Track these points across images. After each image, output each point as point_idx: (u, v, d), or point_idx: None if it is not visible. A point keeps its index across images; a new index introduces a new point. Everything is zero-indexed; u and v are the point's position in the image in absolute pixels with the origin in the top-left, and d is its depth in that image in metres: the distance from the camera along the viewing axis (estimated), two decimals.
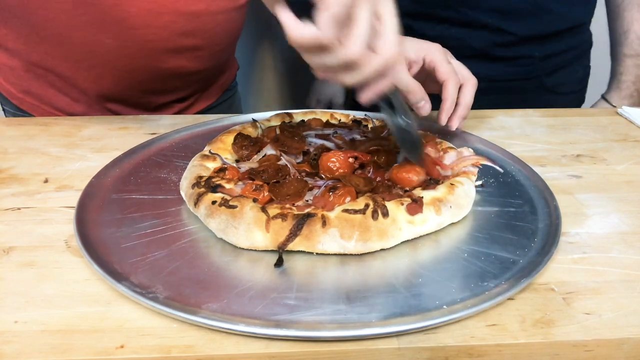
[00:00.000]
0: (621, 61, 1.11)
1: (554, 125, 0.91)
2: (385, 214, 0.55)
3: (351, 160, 0.66)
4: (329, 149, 0.70)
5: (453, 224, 0.60)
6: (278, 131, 0.76)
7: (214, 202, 0.57)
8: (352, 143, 0.72)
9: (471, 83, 0.78)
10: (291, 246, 0.54)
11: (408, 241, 0.57)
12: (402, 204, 0.57)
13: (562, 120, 0.94)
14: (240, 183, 0.62)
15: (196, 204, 0.59)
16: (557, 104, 1.03)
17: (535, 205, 0.64)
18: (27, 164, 0.75)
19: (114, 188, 0.66)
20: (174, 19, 0.85)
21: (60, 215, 0.62)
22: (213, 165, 0.66)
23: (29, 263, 0.53)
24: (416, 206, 0.57)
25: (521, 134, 0.88)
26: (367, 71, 0.52)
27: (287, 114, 0.84)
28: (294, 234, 0.53)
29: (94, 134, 0.85)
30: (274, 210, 0.55)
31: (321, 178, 0.65)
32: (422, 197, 0.58)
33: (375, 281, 0.51)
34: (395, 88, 0.60)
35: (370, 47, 0.52)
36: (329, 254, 0.54)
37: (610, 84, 1.14)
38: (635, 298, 0.50)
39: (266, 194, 0.60)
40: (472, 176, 0.65)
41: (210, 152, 0.69)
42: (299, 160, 0.70)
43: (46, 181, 0.70)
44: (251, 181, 0.63)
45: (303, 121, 0.83)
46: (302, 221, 0.54)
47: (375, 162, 0.68)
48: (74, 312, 0.47)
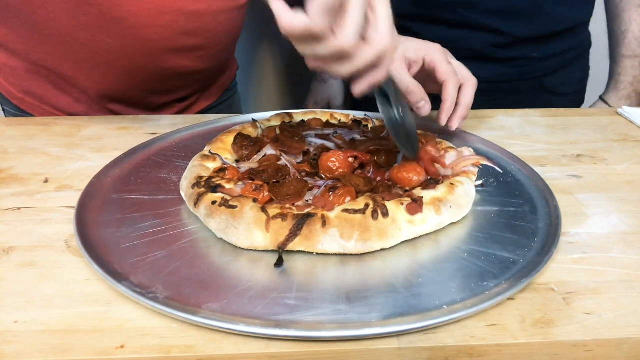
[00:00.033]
0: (619, 62, 1.11)
1: (554, 125, 0.91)
2: (385, 213, 0.55)
3: (351, 160, 0.66)
4: (329, 149, 0.70)
5: (453, 223, 0.60)
6: (278, 131, 0.76)
7: (214, 202, 0.57)
8: (352, 143, 0.72)
9: (471, 83, 0.78)
10: (291, 246, 0.54)
11: (408, 241, 0.57)
12: (402, 203, 0.57)
13: (562, 120, 0.94)
14: (240, 183, 0.62)
15: (196, 204, 0.59)
16: (556, 105, 1.03)
17: (536, 205, 0.64)
18: (27, 164, 0.75)
19: (114, 188, 0.66)
20: (175, 19, 0.85)
21: (60, 215, 0.62)
22: (213, 165, 0.66)
23: (29, 263, 0.53)
24: (416, 206, 0.57)
25: (521, 134, 0.88)
26: (360, 62, 0.52)
27: (287, 114, 0.84)
28: (294, 234, 0.53)
29: (94, 134, 0.85)
30: (274, 210, 0.55)
31: (321, 178, 0.65)
32: (422, 197, 0.58)
33: (375, 281, 0.51)
34: (390, 79, 0.60)
35: (363, 37, 0.51)
36: (329, 254, 0.54)
37: (609, 84, 1.14)
38: (635, 298, 0.50)
39: (266, 194, 0.60)
40: (472, 176, 0.65)
41: (210, 152, 0.69)
42: (299, 160, 0.70)
43: (46, 181, 0.70)
44: (251, 181, 0.63)
45: (303, 121, 0.83)
46: (302, 221, 0.54)
47: (375, 162, 0.68)
48: (74, 312, 0.47)
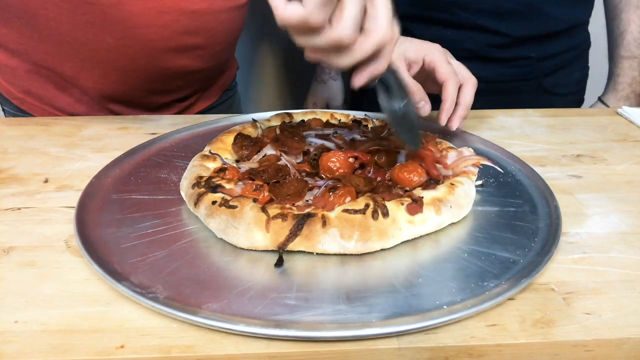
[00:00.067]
0: (618, 62, 1.11)
1: (554, 125, 0.91)
2: (386, 214, 0.55)
3: (351, 160, 0.66)
4: (329, 149, 0.70)
5: (453, 223, 0.60)
6: (278, 131, 0.76)
7: (214, 202, 0.57)
8: (352, 143, 0.72)
9: (471, 83, 0.78)
10: (291, 246, 0.54)
11: (408, 241, 0.57)
12: (402, 203, 0.57)
13: (562, 120, 0.94)
14: (240, 183, 0.62)
15: (196, 204, 0.59)
16: (556, 105, 1.03)
17: (536, 205, 0.64)
18: (27, 164, 0.75)
19: (114, 188, 0.66)
20: (176, 18, 0.85)
21: (60, 215, 0.62)
22: (213, 165, 0.66)
23: (29, 263, 0.53)
24: (416, 206, 0.57)
25: (521, 134, 0.88)
26: (358, 53, 0.51)
27: (287, 114, 0.84)
28: (294, 234, 0.53)
29: (94, 134, 0.85)
30: (274, 210, 0.55)
31: (321, 178, 0.65)
32: (422, 197, 0.58)
33: (375, 281, 0.51)
34: (390, 71, 0.59)
35: (363, 29, 0.50)
36: (329, 254, 0.54)
37: (607, 85, 1.14)
38: (635, 298, 0.50)
39: (266, 194, 0.60)
40: (472, 176, 0.65)
41: (210, 152, 0.69)
42: (299, 160, 0.70)
43: (46, 181, 0.70)
44: (251, 181, 0.63)
45: (303, 121, 0.83)
46: (302, 221, 0.54)
47: (375, 162, 0.68)
48: (74, 312, 0.47)
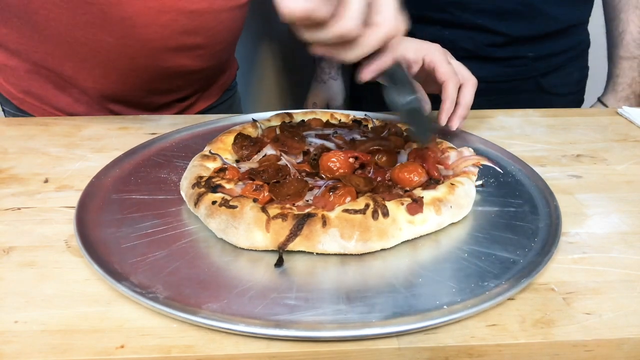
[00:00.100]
0: (617, 63, 1.10)
1: (554, 125, 0.91)
2: (386, 214, 0.55)
3: (351, 160, 0.66)
4: (329, 149, 0.70)
5: (453, 224, 0.60)
6: (278, 131, 0.76)
7: (214, 202, 0.57)
8: (352, 143, 0.72)
9: (471, 83, 0.78)
10: (291, 246, 0.54)
11: (408, 241, 0.57)
12: (402, 203, 0.57)
13: (562, 120, 0.94)
14: (240, 183, 0.62)
15: (196, 204, 0.59)
16: (556, 105, 1.03)
17: (536, 205, 0.64)
18: (27, 164, 0.75)
19: (114, 188, 0.66)
20: (176, 18, 0.85)
21: (60, 215, 0.62)
22: (213, 165, 0.66)
23: (29, 263, 0.53)
24: (416, 206, 0.57)
25: (521, 134, 0.88)
26: (365, 47, 0.51)
27: (287, 114, 0.84)
28: (294, 234, 0.53)
29: (94, 134, 0.85)
30: (274, 210, 0.55)
31: (321, 178, 0.65)
32: (422, 197, 0.58)
33: (375, 281, 0.51)
34: (397, 64, 0.59)
35: (369, 22, 0.50)
36: (329, 254, 0.54)
37: (607, 86, 1.14)
38: (635, 298, 0.50)
39: (266, 194, 0.60)
40: (473, 176, 0.65)
41: (210, 152, 0.69)
42: (299, 160, 0.70)
43: (46, 181, 0.70)
44: (251, 181, 0.63)
45: (303, 121, 0.83)
46: (302, 221, 0.54)
47: (375, 162, 0.68)
48: (74, 312, 0.47)
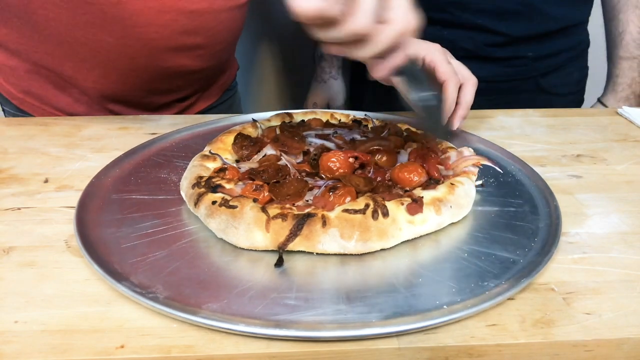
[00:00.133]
0: (617, 63, 1.10)
1: (554, 125, 0.91)
2: (385, 214, 0.55)
3: (351, 160, 0.66)
4: (329, 149, 0.70)
5: (453, 223, 0.60)
6: (278, 131, 0.76)
7: (214, 202, 0.57)
8: (352, 143, 0.72)
9: (471, 83, 0.78)
10: (291, 246, 0.54)
11: (408, 241, 0.57)
12: (402, 203, 0.57)
13: (562, 120, 0.94)
14: (240, 183, 0.62)
15: (196, 204, 0.59)
16: (555, 106, 1.03)
17: (536, 205, 0.64)
18: (27, 164, 0.75)
19: (114, 188, 0.66)
20: (176, 18, 0.85)
21: (60, 215, 0.62)
22: (213, 165, 0.66)
23: (29, 263, 0.53)
24: (416, 206, 0.57)
25: (521, 134, 0.88)
26: (379, 44, 0.51)
27: (287, 114, 0.84)
28: (294, 234, 0.53)
29: (94, 134, 0.85)
30: (274, 210, 0.55)
31: (321, 178, 0.65)
32: (422, 197, 0.58)
33: (375, 281, 0.51)
34: (412, 61, 0.59)
35: (381, 19, 0.50)
36: (329, 254, 0.54)
37: (607, 86, 1.13)
38: (635, 298, 0.50)
39: (266, 194, 0.60)
40: (473, 176, 0.65)
41: (210, 152, 0.69)
42: (299, 160, 0.70)
43: (46, 181, 0.70)
44: (251, 181, 0.63)
45: (303, 121, 0.83)
46: (302, 221, 0.54)
47: (375, 162, 0.68)
48: (74, 312, 0.47)
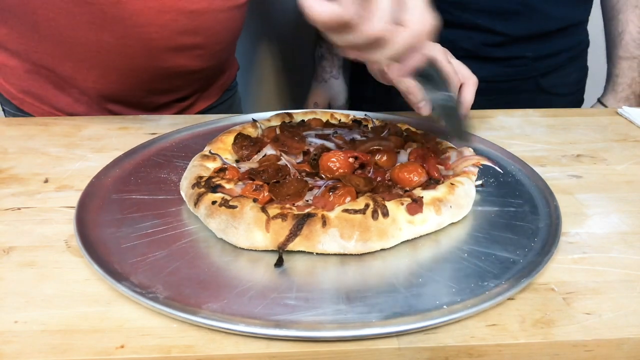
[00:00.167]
0: (616, 63, 1.10)
1: (554, 125, 0.91)
2: (385, 214, 0.55)
3: (351, 160, 0.66)
4: (329, 149, 0.70)
5: (453, 223, 0.60)
6: (278, 131, 0.76)
7: (214, 202, 0.57)
8: (352, 143, 0.72)
9: (472, 82, 0.78)
10: (291, 246, 0.54)
11: (408, 241, 0.57)
12: (402, 203, 0.57)
13: (562, 120, 0.94)
14: (240, 183, 0.62)
15: (196, 204, 0.59)
16: (555, 106, 1.02)
17: (536, 205, 0.64)
18: (27, 164, 0.75)
19: (114, 188, 0.66)
20: (175, 18, 0.85)
21: (60, 215, 0.62)
22: (213, 166, 0.66)
23: (29, 263, 0.53)
24: (416, 206, 0.57)
25: (521, 134, 0.88)
26: (397, 47, 0.51)
27: (287, 114, 0.84)
28: (294, 234, 0.53)
29: (94, 134, 0.85)
30: (274, 210, 0.55)
31: (321, 178, 0.65)
32: (422, 197, 0.58)
33: (375, 281, 0.51)
34: (430, 62, 0.59)
35: (398, 21, 0.50)
36: (329, 254, 0.54)
37: (607, 86, 1.13)
38: (635, 298, 0.50)
39: (266, 194, 0.60)
40: (472, 176, 0.65)
41: (210, 152, 0.69)
42: (299, 160, 0.70)
43: (46, 181, 0.70)
44: (251, 181, 0.63)
45: (303, 121, 0.83)
46: (302, 221, 0.54)
47: (375, 162, 0.68)
48: (74, 312, 0.47)
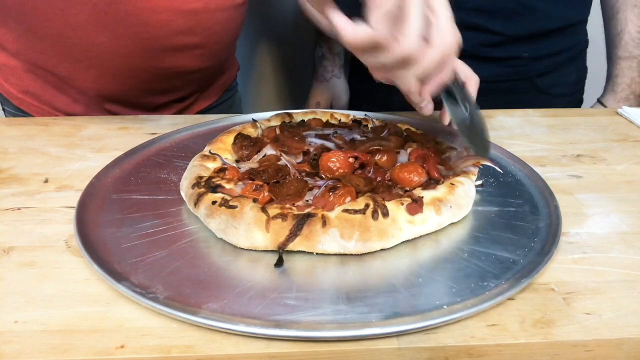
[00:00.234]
0: (616, 63, 1.10)
1: (554, 125, 0.91)
2: (385, 214, 0.55)
3: (351, 160, 0.66)
4: (329, 149, 0.70)
5: (453, 223, 0.60)
6: (278, 131, 0.76)
7: (214, 202, 0.57)
8: (352, 143, 0.72)
9: (473, 82, 0.78)
10: (291, 246, 0.54)
11: (408, 241, 0.56)
12: (402, 203, 0.57)
13: (562, 120, 0.94)
14: (240, 183, 0.62)
15: (196, 204, 0.59)
16: (555, 106, 1.02)
17: (536, 205, 0.64)
18: (27, 164, 0.75)
19: (114, 188, 0.66)
20: (171, 17, 0.85)
21: (60, 215, 0.62)
22: (213, 166, 0.66)
23: (29, 263, 0.53)
24: (416, 206, 0.57)
25: (521, 134, 0.88)
26: (426, 65, 0.51)
27: (287, 114, 0.84)
28: (294, 234, 0.53)
29: (94, 134, 0.85)
30: (274, 210, 0.55)
31: (321, 178, 0.65)
32: (422, 197, 0.58)
33: (375, 281, 0.51)
34: (455, 78, 0.60)
35: (426, 39, 0.51)
36: (329, 254, 0.54)
37: (606, 87, 1.13)
38: (635, 298, 0.50)
39: (266, 194, 0.60)
40: (472, 176, 0.65)
41: (210, 152, 0.69)
42: (299, 160, 0.70)
43: (46, 181, 0.70)
44: (251, 181, 0.63)
45: (303, 121, 0.83)
46: (302, 221, 0.54)
47: (375, 162, 0.68)
48: (74, 312, 0.47)
